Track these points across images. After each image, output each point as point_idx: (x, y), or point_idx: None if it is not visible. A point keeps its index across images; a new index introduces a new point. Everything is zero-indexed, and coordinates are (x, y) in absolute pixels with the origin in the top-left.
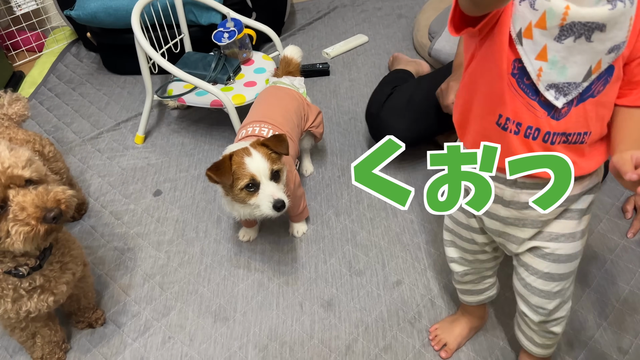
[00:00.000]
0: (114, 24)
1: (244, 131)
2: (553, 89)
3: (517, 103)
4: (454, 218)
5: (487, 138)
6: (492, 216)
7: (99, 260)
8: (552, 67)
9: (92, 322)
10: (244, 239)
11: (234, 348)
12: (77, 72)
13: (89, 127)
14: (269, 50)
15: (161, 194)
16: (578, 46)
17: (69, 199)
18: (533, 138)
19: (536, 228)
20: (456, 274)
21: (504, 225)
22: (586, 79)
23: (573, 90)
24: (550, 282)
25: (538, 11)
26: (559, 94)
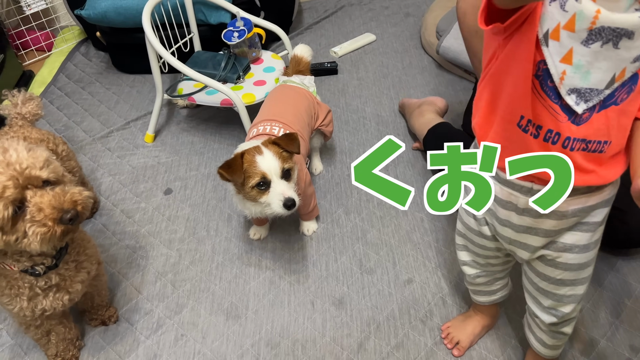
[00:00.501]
0: (124, 24)
1: (254, 130)
2: (574, 94)
3: (538, 106)
4: (465, 224)
5: (507, 140)
6: (504, 223)
7: (111, 259)
8: (576, 71)
9: (105, 320)
10: (254, 237)
11: (247, 346)
12: (86, 71)
13: (99, 126)
14: (278, 49)
15: (172, 193)
16: (604, 52)
17: (86, 200)
18: (553, 142)
19: (549, 237)
20: (468, 276)
21: (516, 233)
22: (609, 87)
23: (594, 97)
24: (562, 287)
25: (568, 13)
26: (580, 99)
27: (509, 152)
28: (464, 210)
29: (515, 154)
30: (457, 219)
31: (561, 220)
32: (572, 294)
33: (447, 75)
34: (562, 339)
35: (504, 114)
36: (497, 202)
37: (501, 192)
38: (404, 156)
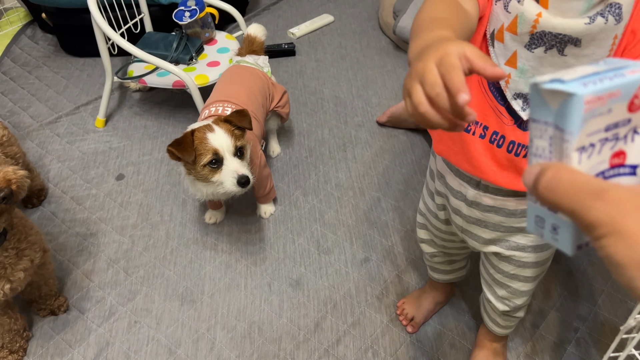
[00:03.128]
0: (69, 3)
1: (206, 111)
2: (520, 99)
3: (485, 105)
4: (426, 204)
5: (449, 135)
6: (456, 212)
7: (61, 247)
8: (521, 75)
9: (54, 309)
10: (210, 221)
11: (202, 330)
12: (32, 54)
13: (47, 111)
14: (234, 30)
15: (124, 178)
16: (550, 58)
17: (21, 179)
18: (498, 145)
19: (498, 232)
20: (426, 254)
21: (467, 223)
22: None
23: None
24: (516, 281)
25: (510, 14)
26: (527, 105)
27: (454, 149)
28: (426, 191)
29: (460, 151)
30: (420, 199)
31: (509, 217)
32: (525, 290)
33: (404, 55)
34: (514, 321)
35: None
36: (450, 190)
37: (453, 181)
38: (361, 137)
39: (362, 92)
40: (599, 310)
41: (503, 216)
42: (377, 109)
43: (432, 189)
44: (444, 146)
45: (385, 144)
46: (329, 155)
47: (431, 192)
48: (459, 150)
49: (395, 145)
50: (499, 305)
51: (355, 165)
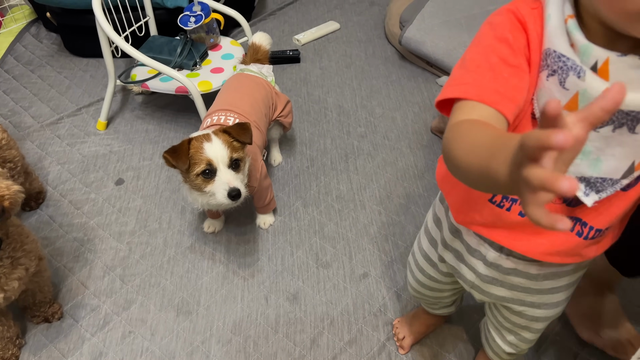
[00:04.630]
0: (75, 4)
1: (208, 120)
2: (583, 183)
3: None
4: (424, 253)
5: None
6: (470, 268)
7: (57, 252)
8: (584, 157)
9: (48, 317)
10: (208, 230)
11: (197, 343)
12: (36, 53)
13: (49, 112)
14: (238, 35)
15: (123, 183)
16: (618, 137)
17: (14, 195)
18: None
19: (515, 291)
20: (414, 292)
21: (481, 282)
22: (626, 176)
23: (609, 187)
24: (527, 332)
25: (569, 91)
26: (590, 190)
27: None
28: (427, 236)
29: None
30: (415, 244)
31: (530, 280)
32: (535, 337)
33: (409, 66)
34: (519, 356)
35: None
36: (466, 247)
37: (471, 239)
38: (364, 148)
39: (366, 102)
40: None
41: (523, 278)
42: (381, 119)
43: (436, 237)
44: (467, 218)
45: (387, 156)
46: (331, 166)
47: (434, 239)
48: (488, 224)
49: (397, 158)
50: (506, 347)
51: (356, 177)
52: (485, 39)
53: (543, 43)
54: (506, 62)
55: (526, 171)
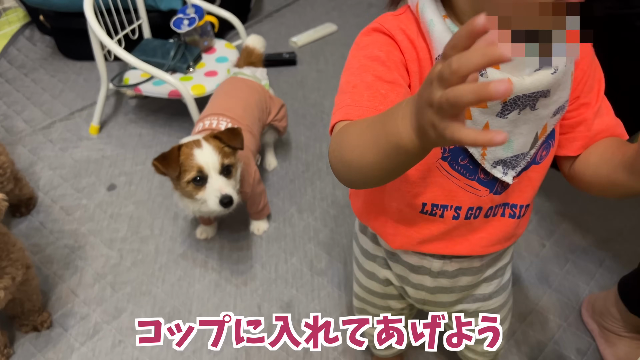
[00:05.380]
0: (67, 7)
1: (201, 124)
2: (500, 165)
3: (452, 188)
4: (366, 287)
5: (408, 223)
6: (417, 287)
7: (47, 259)
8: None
9: (37, 326)
10: (201, 236)
11: (188, 352)
12: (30, 56)
13: (41, 116)
14: (234, 37)
15: (115, 189)
16: (523, 117)
17: None
18: (474, 217)
19: (465, 292)
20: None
21: (431, 295)
22: (533, 146)
23: (521, 160)
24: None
25: None
26: (507, 168)
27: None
28: (362, 273)
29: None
30: (355, 283)
31: (476, 275)
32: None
33: None
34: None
35: (398, 204)
36: (409, 267)
37: (410, 258)
38: None
39: None
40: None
41: (470, 275)
42: None
43: (372, 269)
44: (405, 238)
45: None
46: (327, 171)
47: (371, 273)
48: (426, 239)
49: None
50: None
51: None
52: (356, 60)
53: (434, 50)
54: (381, 79)
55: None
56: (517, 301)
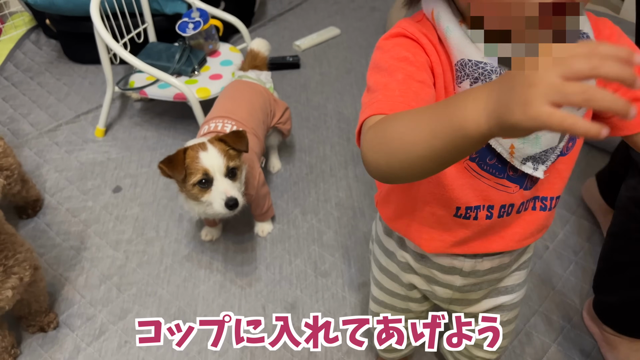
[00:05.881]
0: (73, 11)
1: (206, 127)
2: (530, 161)
3: (483, 187)
4: (387, 289)
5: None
6: (446, 286)
7: (54, 260)
8: (525, 141)
9: (44, 326)
10: (206, 238)
11: (193, 353)
12: (36, 60)
13: (47, 119)
14: (238, 41)
15: (121, 191)
16: None
17: None
18: (507, 214)
19: (492, 286)
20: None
21: (460, 293)
22: (562, 140)
23: (551, 155)
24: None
25: None
26: (537, 164)
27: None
28: (386, 275)
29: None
30: (374, 286)
31: (504, 270)
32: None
33: None
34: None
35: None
36: (438, 269)
37: (443, 260)
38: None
39: None
40: None
41: (499, 272)
42: None
43: (393, 270)
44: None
45: None
46: (330, 173)
47: (393, 273)
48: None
49: None
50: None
51: (356, 184)
52: (384, 62)
53: (452, 56)
54: (412, 77)
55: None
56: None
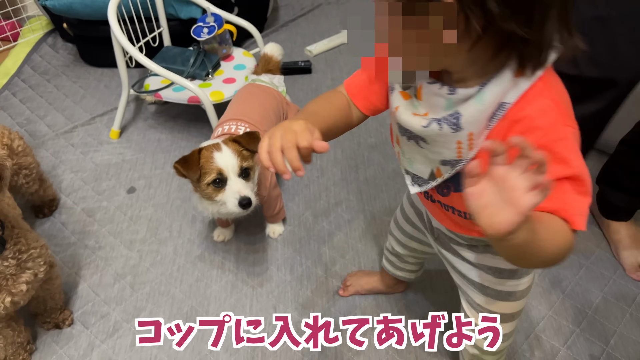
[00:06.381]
0: (90, 15)
1: (220, 129)
2: (409, 175)
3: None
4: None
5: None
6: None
7: (69, 259)
8: (403, 156)
9: (59, 323)
10: (218, 239)
11: (205, 351)
12: (52, 63)
13: (63, 121)
14: (251, 46)
15: (135, 192)
16: (414, 146)
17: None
18: (442, 208)
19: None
20: (389, 247)
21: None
22: (432, 179)
23: (424, 184)
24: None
25: (392, 104)
26: (414, 182)
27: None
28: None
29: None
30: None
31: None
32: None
33: None
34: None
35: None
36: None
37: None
38: (374, 159)
39: None
40: (612, 351)
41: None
42: None
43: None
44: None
45: (398, 167)
46: (341, 177)
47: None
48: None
49: None
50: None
51: (367, 187)
52: None
53: None
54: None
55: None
56: (530, 306)
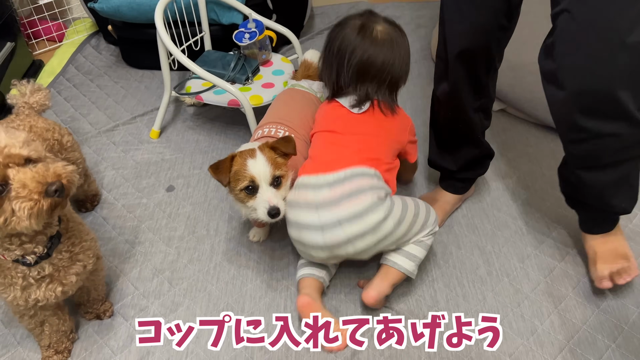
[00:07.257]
0: (136, 19)
1: (260, 131)
2: None
3: None
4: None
5: None
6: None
7: (110, 252)
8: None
9: (100, 314)
10: (254, 239)
11: (240, 348)
12: (95, 63)
13: (105, 119)
14: (287, 52)
15: (174, 190)
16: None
17: (70, 174)
18: None
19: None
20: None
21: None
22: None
23: None
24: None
25: None
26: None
27: None
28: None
29: None
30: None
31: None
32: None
33: None
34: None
35: None
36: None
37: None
38: None
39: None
40: None
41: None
42: (425, 138)
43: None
44: None
45: (435, 174)
46: None
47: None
48: None
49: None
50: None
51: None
52: None
53: None
54: None
55: None
56: (565, 319)
